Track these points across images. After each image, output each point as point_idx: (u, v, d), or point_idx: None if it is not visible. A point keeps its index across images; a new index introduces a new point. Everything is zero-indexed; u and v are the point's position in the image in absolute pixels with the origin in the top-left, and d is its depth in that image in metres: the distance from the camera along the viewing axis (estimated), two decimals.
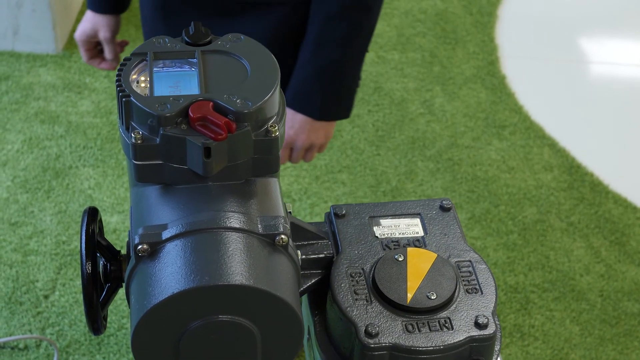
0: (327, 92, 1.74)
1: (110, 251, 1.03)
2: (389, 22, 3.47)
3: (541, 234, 2.64)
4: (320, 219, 2.62)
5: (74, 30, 3.30)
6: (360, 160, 2.84)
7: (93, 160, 2.78)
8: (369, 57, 3.27)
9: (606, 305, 2.46)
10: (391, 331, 0.91)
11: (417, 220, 1.04)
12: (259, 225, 0.86)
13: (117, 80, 0.89)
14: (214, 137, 0.83)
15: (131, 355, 2.23)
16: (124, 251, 1.04)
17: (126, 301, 0.94)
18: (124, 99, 0.87)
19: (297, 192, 2.72)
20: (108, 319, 1.24)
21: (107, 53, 1.83)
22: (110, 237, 2.51)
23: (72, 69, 3.14)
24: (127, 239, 0.98)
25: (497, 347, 0.96)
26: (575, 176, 2.85)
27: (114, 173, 2.75)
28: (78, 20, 3.34)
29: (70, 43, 3.26)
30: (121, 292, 1.09)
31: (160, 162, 0.87)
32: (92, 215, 1.09)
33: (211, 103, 0.85)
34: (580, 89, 3.35)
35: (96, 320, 1.08)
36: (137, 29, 3.29)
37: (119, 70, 0.90)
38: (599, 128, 3.13)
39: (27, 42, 3.24)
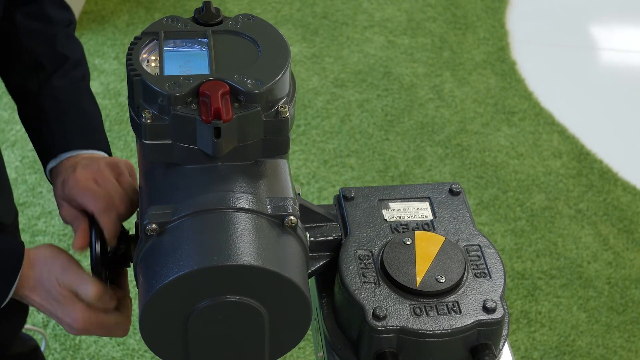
0: None
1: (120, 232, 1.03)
2: (399, 6, 3.46)
3: (549, 221, 2.64)
4: (328, 203, 2.61)
5: (83, 11, 3.30)
6: (368, 145, 2.84)
7: None
8: (379, 41, 3.27)
9: (613, 293, 2.45)
10: (399, 314, 0.91)
11: (427, 204, 1.04)
12: (268, 206, 0.86)
13: (127, 59, 0.88)
14: (205, 118, 0.83)
15: (138, 336, 2.24)
16: (132, 231, 1.05)
17: (134, 281, 0.94)
18: (134, 78, 0.87)
19: (305, 176, 2.71)
20: None
21: None
22: None
23: None
24: (135, 220, 0.98)
25: (504, 332, 0.96)
26: (585, 163, 2.84)
27: (122, 155, 2.75)
28: (88, 1, 3.33)
29: (80, 24, 3.26)
30: (129, 271, 1.09)
31: (170, 141, 0.87)
32: (98, 233, 1.08)
33: (227, 87, 0.85)
34: (590, 75, 3.33)
35: None
36: (147, 10, 3.28)
37: (129, 49, 0.89)
38: (609, 115, 3.11)
39: None
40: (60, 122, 1.23)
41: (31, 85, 1.26)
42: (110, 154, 1.22)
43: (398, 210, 1.03)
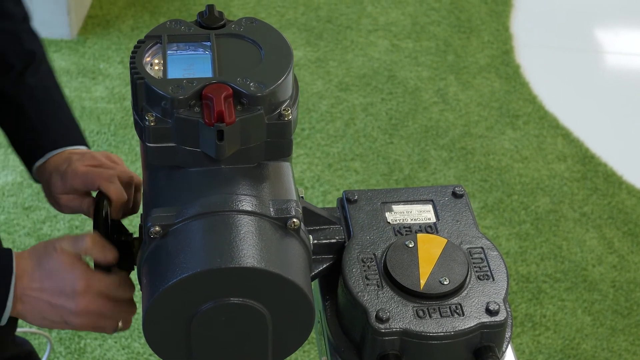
0: None
1: (123, 233, 1.04)
2: (404, 10, 3.46)
3: (554, 224, 2.63)
4: (332, 206, 2.62)
5: (88, 15, 3.30)
6: (373, 149, 2.84)
7: (106, 146, 2.79)
8: (383, 45, 3.27)
9: (618, 296, 2.45)
10: (402, 316, 0.91)
11: (430, 207, 1.04)
12: (271, 209, 0.86)
13: (131, 63, 0.89)
14: (207, 121, 0.84)
15: (143, 340, 2.24)
16: (136, 235, 1.05)
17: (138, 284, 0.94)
18: (138, 81, 0.87)
19: (310, 180, 2.72)
20: None
21: None
22: (122, 222, 2.52)
23: (87, 54, 3.15)
24: (139, 223, 0.99)
25: (507, 334, 0.96)
26: (589, 166, 2.84)
27: (127, 159, 2.76)
28: (93, 6, 3.34)
29: (85, 28, 3.27)
30: (133, 274, 1.09)
31: (174, 144, 0.87)
32: (104, 197, 1.09)
33: (230, 90, 0.85)
34: (595, 79, 3.33)
35: None
36: (152, 15, 3.29)
37: (132, 52, 0.90)
38: (613, 118, 3.11)
39: (41, 27, 3.19)
40: (42, 122, 1.24)
41: (4, 87, 1.25)
42: (88, 147, 1.25)
43: (401, 213, 1.03)
